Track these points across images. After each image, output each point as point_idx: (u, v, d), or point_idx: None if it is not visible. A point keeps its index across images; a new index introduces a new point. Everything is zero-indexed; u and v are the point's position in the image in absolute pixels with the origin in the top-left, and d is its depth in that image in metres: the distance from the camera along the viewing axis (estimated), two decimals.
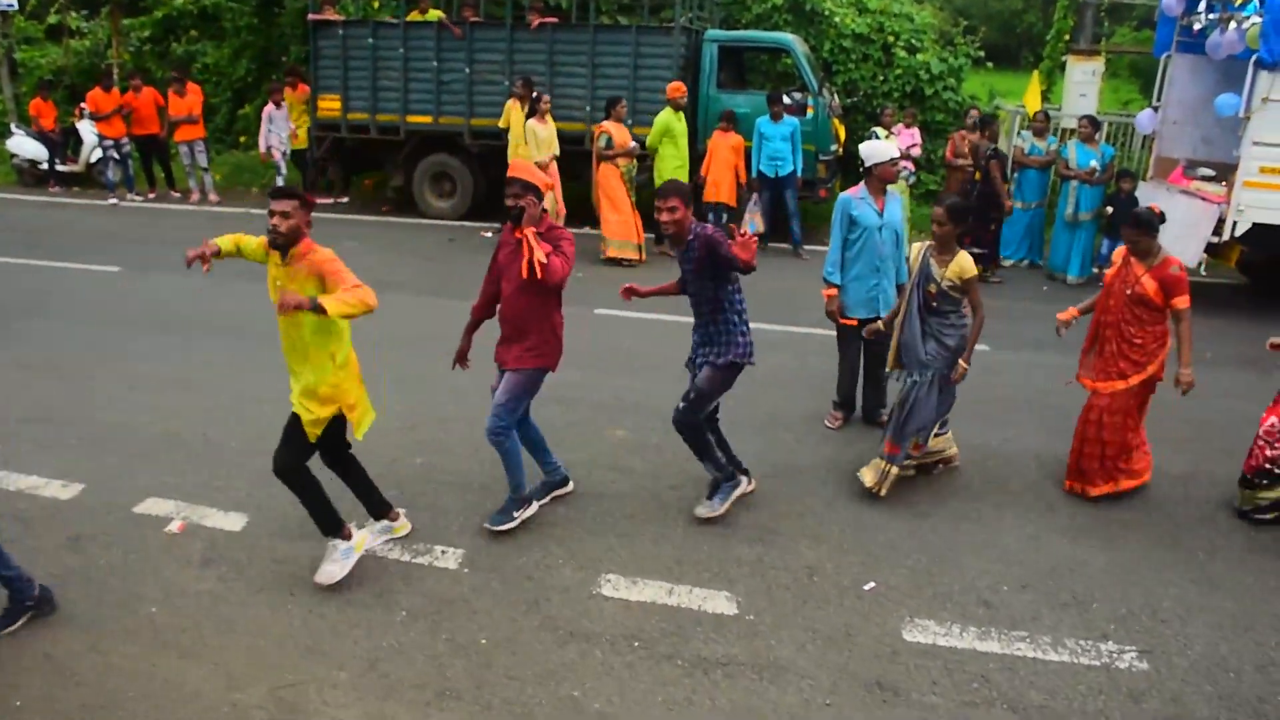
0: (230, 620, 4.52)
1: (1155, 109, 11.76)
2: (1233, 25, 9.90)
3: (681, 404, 5.39)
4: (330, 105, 13.87)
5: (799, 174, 12.15)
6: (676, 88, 11.67)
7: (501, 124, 12.67)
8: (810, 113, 12.69)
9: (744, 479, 5.71)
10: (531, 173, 4.99)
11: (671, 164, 11.68)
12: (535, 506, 5.49)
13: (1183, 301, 5.54)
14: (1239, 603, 4.92)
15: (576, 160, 13.12)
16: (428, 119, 13.52)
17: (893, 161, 6.41)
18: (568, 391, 7.20)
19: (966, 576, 5.07)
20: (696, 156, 12.54)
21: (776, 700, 4.09)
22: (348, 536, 4.86)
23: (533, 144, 11.69)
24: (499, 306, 5.24)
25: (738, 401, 6.76)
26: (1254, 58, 9.30)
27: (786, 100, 12.15)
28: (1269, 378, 8.17)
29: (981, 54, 16.00)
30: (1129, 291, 5.62)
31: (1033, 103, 13.69)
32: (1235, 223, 9.62)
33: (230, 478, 5.85)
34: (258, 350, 8.01)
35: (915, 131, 12.97)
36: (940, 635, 4.56)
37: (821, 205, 13.32)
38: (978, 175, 11.54)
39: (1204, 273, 10.61)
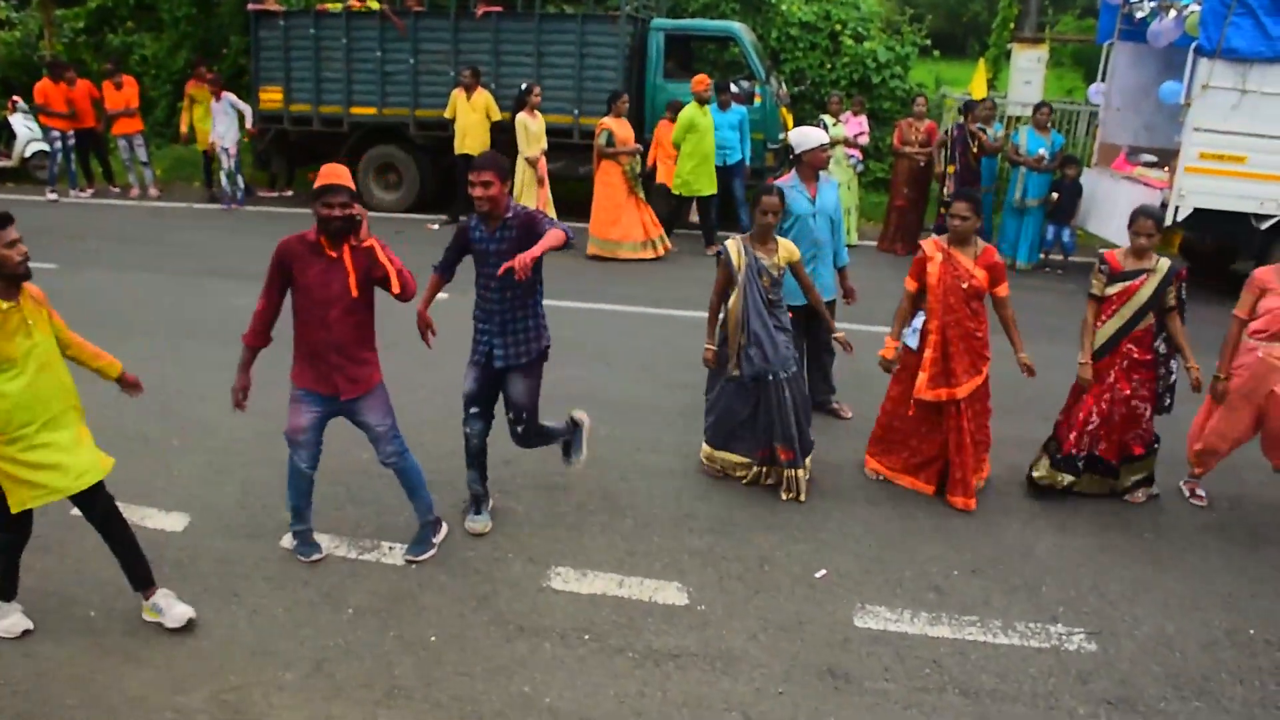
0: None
1: (1102, 89, 11.92)
2: (1173, 13, 10.05)
3: (520, 428, 5.21)
4: (272, 97, 13.65)
5: (747, 163, 12.15)
6: (701, 81, 11.28)
7: (447, 114, 12.55)
8: (758, 101, 12.71)
9: (487, 503, 5.36)
10: (349, 178, 4.52)
11: (689, 162, 11.36)
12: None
13: (1004, 289, 5.53)
14: (1185, 582, 4.98)
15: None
16: (372, 110, 13.36)
17: (822, 147, 6.35)
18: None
19: (917, 562, 5.08)
20: (644, 145, 12.51)
21: (729, 690, 4.06)
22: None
23: (523, 138, 11.46)
24: (310, 334, 4.60)
25: (688, 392, 6.76)
26: (1194, 45, 9.44)
27: (734, 89, 12.12)
28: (1209, 358, 8.32)
29: (928, 42, 16.14)
30: (964, 286, 5.46)
31: (978, 90, 13.81)
32: (1177, 208, 9.76)
33: (171, 477, 5.72)
34: (199, 348, 7.86)
35: (863, 119, 13.02)
36: (892, 621, 4.56)
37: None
38: (941, 164, 11.67)
39: None
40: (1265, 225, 9.88)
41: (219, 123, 13.68)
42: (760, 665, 4.22)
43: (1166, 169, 10.32)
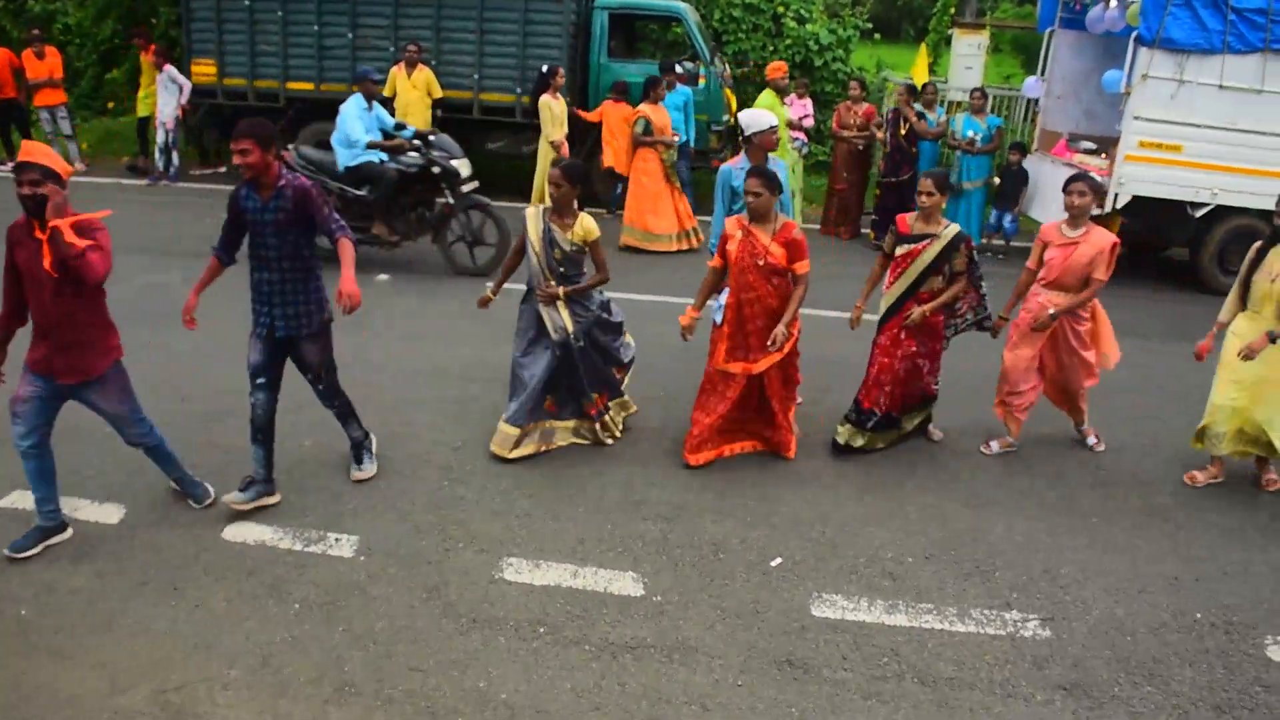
0: (109, 618, 4.22)
1: (1042, 80, 12.03)
2: (1114, 2, 10.16)
3: (320, 385, 5.22)
4: (205, 70, 13.18)
5: (692, 144, 12.08)
6: (778, 68, 10.64)
7: (386, 92, 12.26)
8: (703, 82, 12.62)
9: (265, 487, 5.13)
10: (50, 156, 4.43)
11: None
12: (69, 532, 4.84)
13: (803, 266, 5.53)
14: (1132, 566, 5.04)
15: (465, 127, 12.87)
16: (309, 86, 12.98)
17: (772, 129, 6.29)
18: (469, 369, 7.03)
19: (871, 548, 5.08)
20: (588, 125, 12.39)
21: (687, 681, 4.01)
22: None
23: (548, 120, 11.18)
24: (34, 315, 4.53)
25: (640, 378, 6.67)
26: (1134, 34, 9.56)
27: (679, 69, 12.02)
28: (1149, 345, 8.47)
29: (869, 26, 16.16)
30: (762, 263, 5.48)
31: (920, 75, 13.87)
32: (1116, 195, 9.90)
33: (103, 466, 5.50)
34: (130, 328, 7.58)
35: (808, 102, 13.01)
36: (848, 609, 4.55)
37: (714, 175, 13.28)
38: (880, 141, 11.69)
39: None
40: (1199, 213, 10.06)
41: (159, 96, 13.21)
42: (718, 656, 4.18)
43: (1105, 156, 10.46)
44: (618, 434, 6.07)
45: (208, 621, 4.24)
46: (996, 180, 11.58)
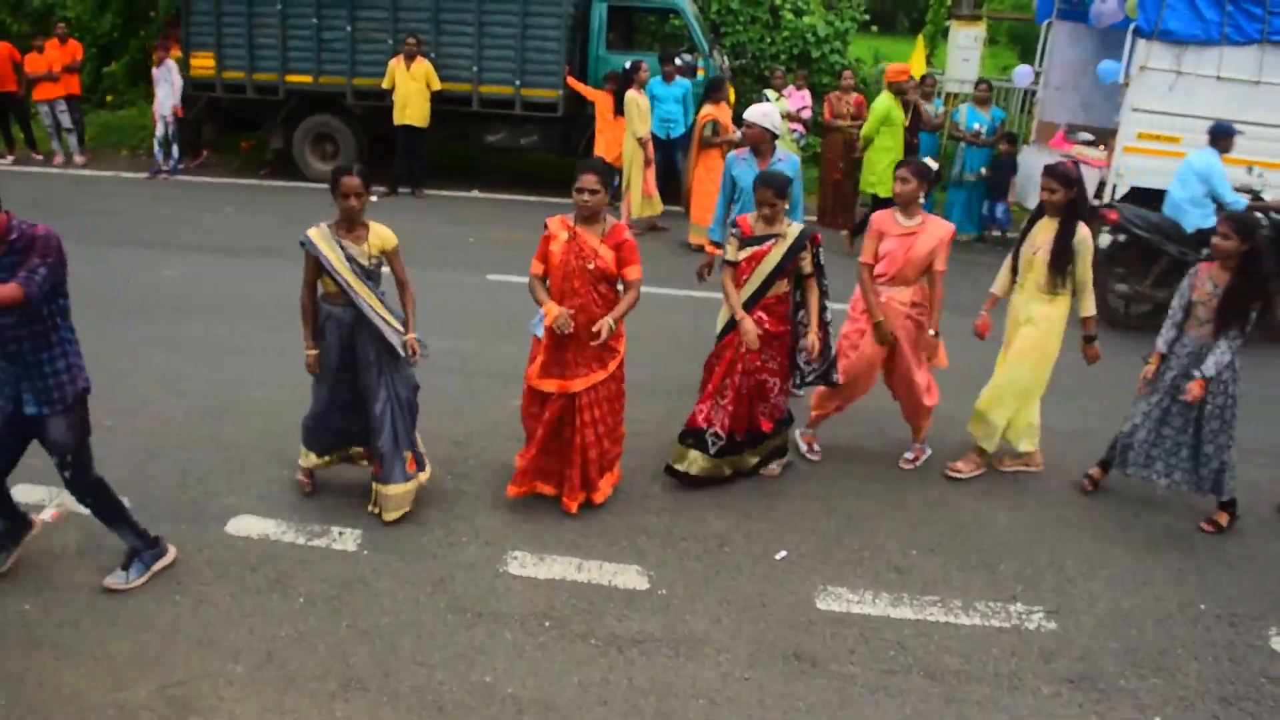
0: (112, 614, 4.21)
1: (1037, 72, 12.02)
2: None
3: (67, 473, 4.27)
4: (204, 64, 13.13)
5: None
6: (901, 70, 10.53)
7: (385, 84, 12.25)
8: (701, 74, 12.57)
9: (168, 548, 4.59)
10: None
11: (886, 157, 10.39)
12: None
13: (634, 271, 4.96)
14: (1136, 558, 5.05)
15: (463, 120, 12.86)
16: (308, 78, 12.93)
17: (746, 125, 6.23)
18: (464, 361, 7.01)
19: (876, 541, 5.07)
20: (587, 118, 12.37)
21: (694, 676, 4.01)
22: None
23: (636, 117, 11.03)
24: None
25: (636, 366, 6.65)
26: (1132, 26, 9.54)
27: (678, 61, 11.99)
28: (1149, 339, 8.46)
29: (866, 18, 16.13)
30: (591, 267, 4.87)
31: (918, 67, 13.84)
32: (1115, 186, 9.88)
33: (106, 460, 5.43)
34: (125, 323, 7.57)
35: (806, 93, 12.98)
36: (854, 603, 4.54)
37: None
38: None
39: None
40: None
41: (159, 88, 13.16)
42: (724, 649, 4.17)
43: (1103, 148, 10.45)
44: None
45: (211, 617, 4.23)
46: (983, 171, 11.55)
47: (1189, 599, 4.72)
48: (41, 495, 5.07)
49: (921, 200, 5.58)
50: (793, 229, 5.34)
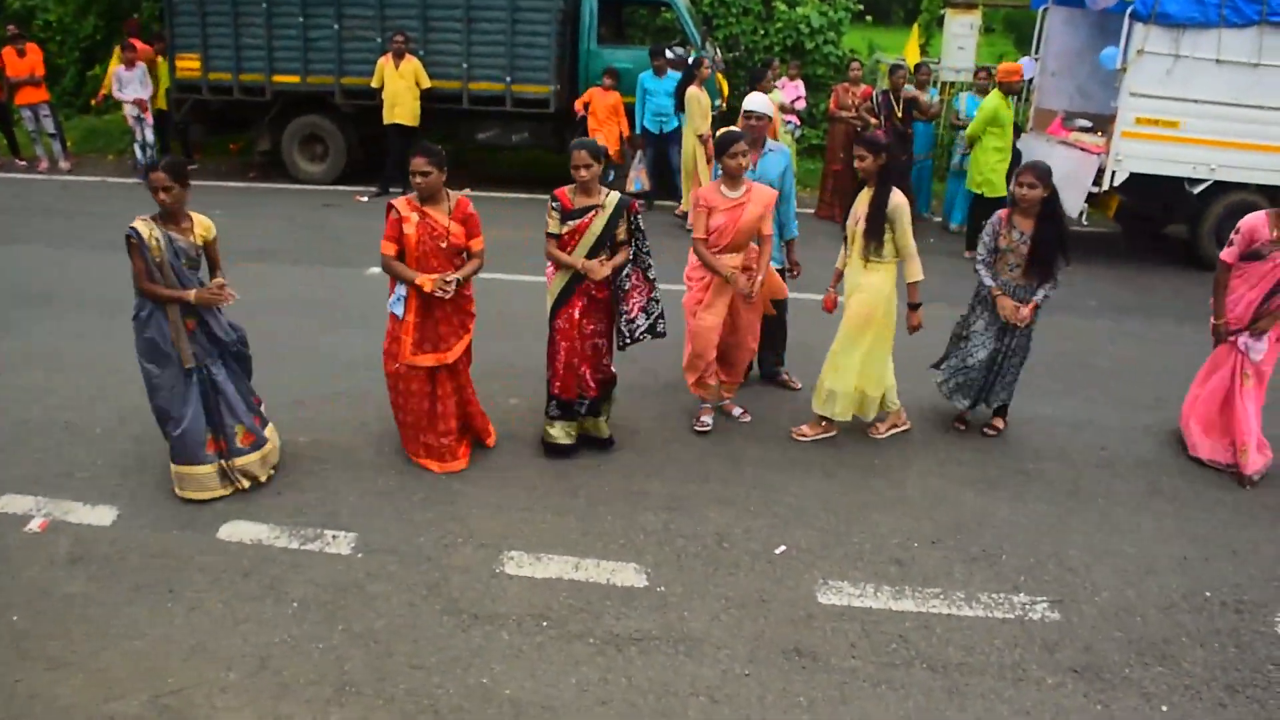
0: (103, 623, 4.14)
1: (1035, 59, 11.94)
2: None
3: None
4: (189, 65, 13.04)
5: (682, 129, 11.98)
6: (1013, 70, 10.24)
7: (374, 83, 12.18)
8: None
9: None
10: None
11: (994, 156, 10.20)
12: None
13: (479, 242, 5.26)
14: (1140, 547, 4.99)
15: (454, 118, 12.80)
16: (295, 78, 12.85)
17: (758, 118, 6.17)
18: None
19: (877, 534, 5.01)
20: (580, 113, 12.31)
21: (694, 674, 3.95)
22: None
23: (697, 114, 10.94)
24: None
25: (634, 365, 6.61)
26: (1129, 10, 9.46)
27: (669, 55, 11.93)
28: (1152, 324, 8.41)
29: (860, 8, 16.06)
30: (445, 245, 5.13)
31: (913, 56, 13.78)
32: (1114, 173, 9.83)
33: (96, 467, 5.42)
34: (119, 325, 7.49)
35: (799, 85, 12.91)
36: (855, 596, 4.49)
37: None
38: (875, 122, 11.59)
39: (1084, 222, 10.85)
40: (1198, 190, 9.99)
41: (131, 92, 13.07)
42: (724, 646, 4.11)
43: (1101, 134, 10.38)
44: (244, 484, 5.18)
45: (204, 624, 4.16)
46: None
47: (1194, 587, 4.66)
48: (28, 505, 5.01)
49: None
50: (611, 198, 5.41)
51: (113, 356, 6.79)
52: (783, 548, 4.85)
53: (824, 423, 6.02)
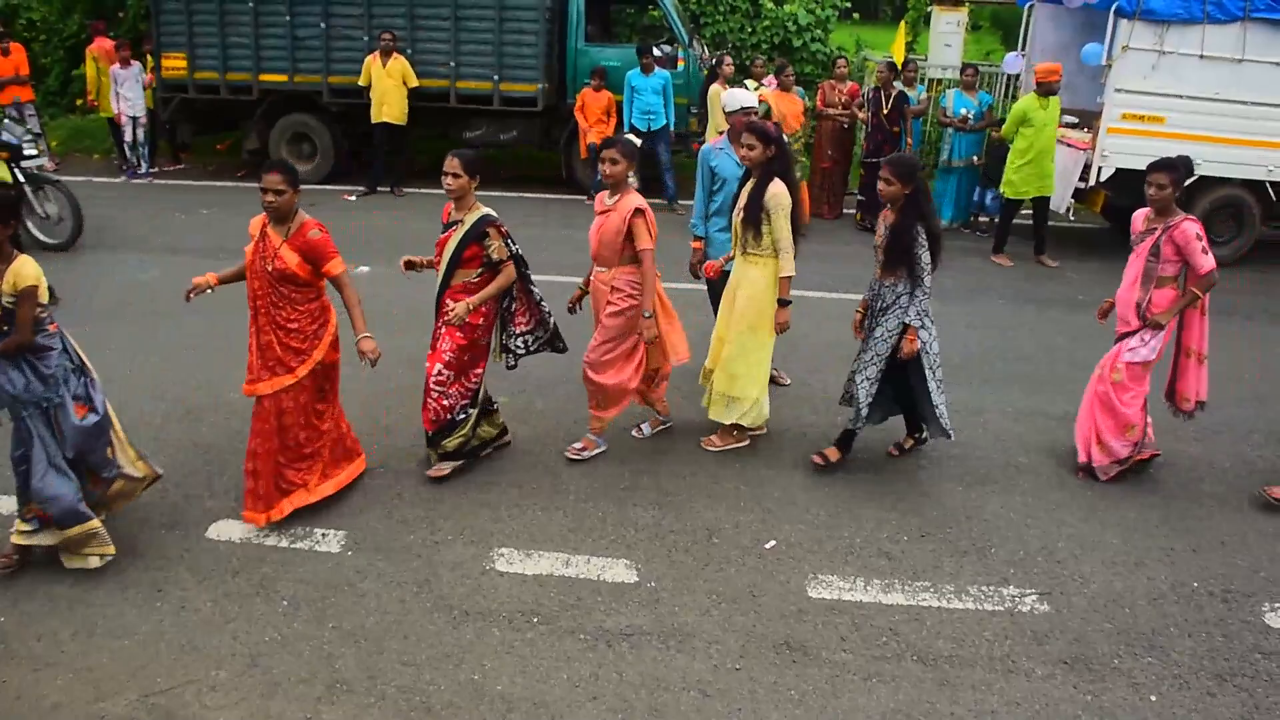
0: (91, 623, 4.13)
1: (1022, 55, 11.98)
2: None
3: None
4: (175, 64, 12.98)
5: (671, 127, 12.01)
6: (1051, 70, 9.94)
7: (362, 81, 12.15)
8: (681, 65, 12.51)
9: None
10: None
11: (1017, 159, 10.07)
12: None
13: (336, 266, 4.68)
14: (1127, 539, 5.01)
15: (442, 116, 12.79)
16: (283, 77, 12.80)
17: (744, 111, 6.19)
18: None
19: (865, 528, 5.02)
20: (568, 111, 12.34)
21: (685, 668, 3.95)
22: None
23: (717, 112, 10.81)
24: None
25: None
26: (1114, 6, 9.50)
27: (657, 52, 11.92)
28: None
29: (848, 5, 16.08)
30: (270, 269, 4.61)
31: (899, 53, 13.79)
32: (1100, 168, 9.87)
33: None
34: (108, 326, 7.47)
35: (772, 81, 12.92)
36: (845, 590, 4.50)
37: (695, 159, 13.20)
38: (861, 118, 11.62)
39: (1072, 218, 10.89)
40: (1184, 184, 10.01)
41: (129, 90, 13.01)
42: (715, 641, 4.12)
43: (1088, 130, 10.42)
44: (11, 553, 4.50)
45: (193, 623, 4.15)
46: (974, 159, 11.51)
47: (1182, 578, 4.69)
48: (14, 505, 4.97)
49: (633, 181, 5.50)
50: (472, 215, 5.14)
51: (93, 356, 6.75)
52: (772, 542, 4.86)
53: (737, 431, 5.82)
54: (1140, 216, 5.57)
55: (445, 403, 5.22)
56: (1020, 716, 3.76)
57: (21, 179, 9.09)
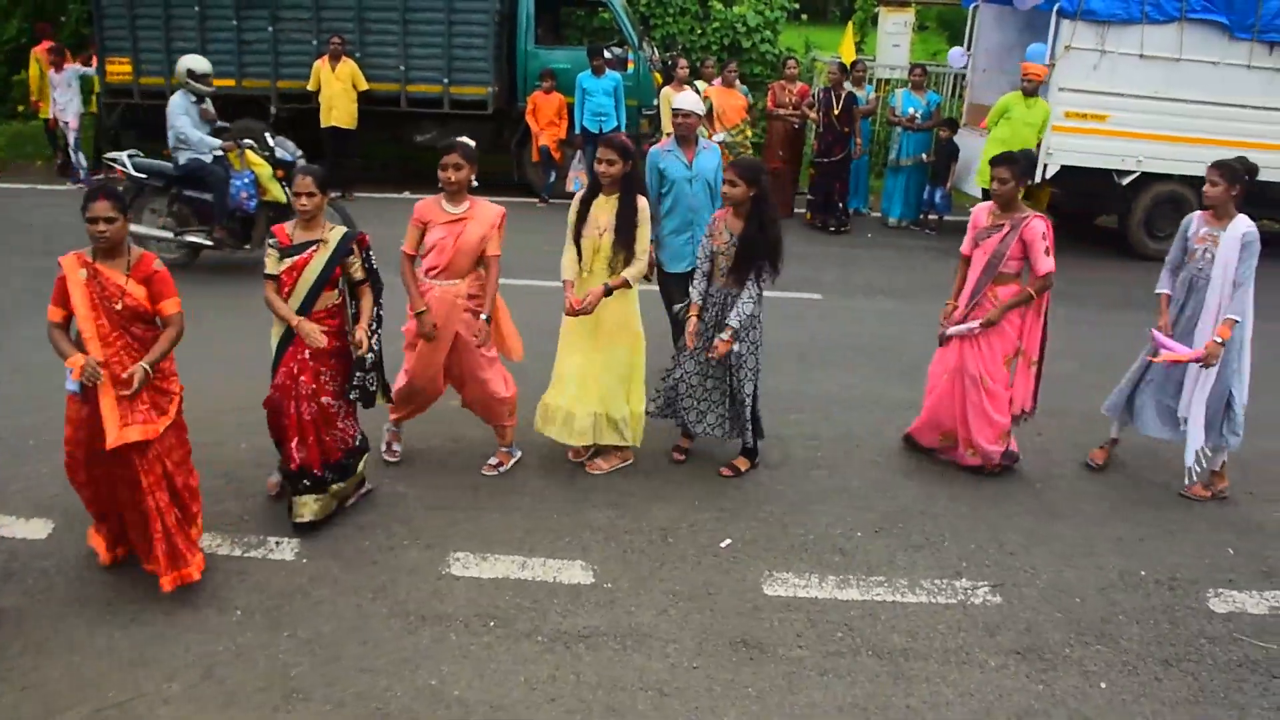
0: (41, 638, 4.06)
1: (967, 53, 12.16)
2: None
3: None
4: (120, 69, 12.80)
5: (623, 129, 12.02)
6: (1028, 71, 10.02)
7: (310, 86, 12.05)
8: (631, 67, 12.56)
9: None
10: None
11: (994, 149, 9.31)
12: None
13: (173, 305, 4.25)
14: (1077, 529, 5.11)
15: (392, 120, 12.72)
16: (230, 82, 12.64)
17: (683, 115, 6.10)
18: (396, 363, 6.88)
19: (820, 525, 5.07)
20: (518, 113, 12.34)
21: (643, 668, 3.97)
22: None
23: (667, 113, 10.77)
24: None
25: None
26: (1056, 7, 9.69)
27: (607, 54, 11.95)
28: (1084, 314, 8.59)
29: (796, 6, 16.21)
30: (119, 307, 4.14)
31: (848, 54, 13.93)
32: (1045, 166, 10.03)
33: (30, 479, 5.29)
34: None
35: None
36: (800, 587, 4.54)
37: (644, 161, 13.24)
38: (812, 118, 11.71)
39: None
40: (1126, 181, 10.23)
41: (61, 94, 12.79)
42: (672, 640, 4.14)
43: None
44: None
45: (145, 636, 4.09)
46: (924, 157, 11.65)
47: (1129, 567, 4.79)
48: None
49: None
50: (335, 233, 4.80)
51: (45, 366, 6.64)
52: (728, 541, 4.89)
53: (622, 451, 5.66)
54: (984, 211, 5.49)
55: (350, 425, 4.98)
56: (974, 707, 3.81)
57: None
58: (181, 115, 8.72)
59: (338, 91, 11.96)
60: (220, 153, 8.73)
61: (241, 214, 8.87)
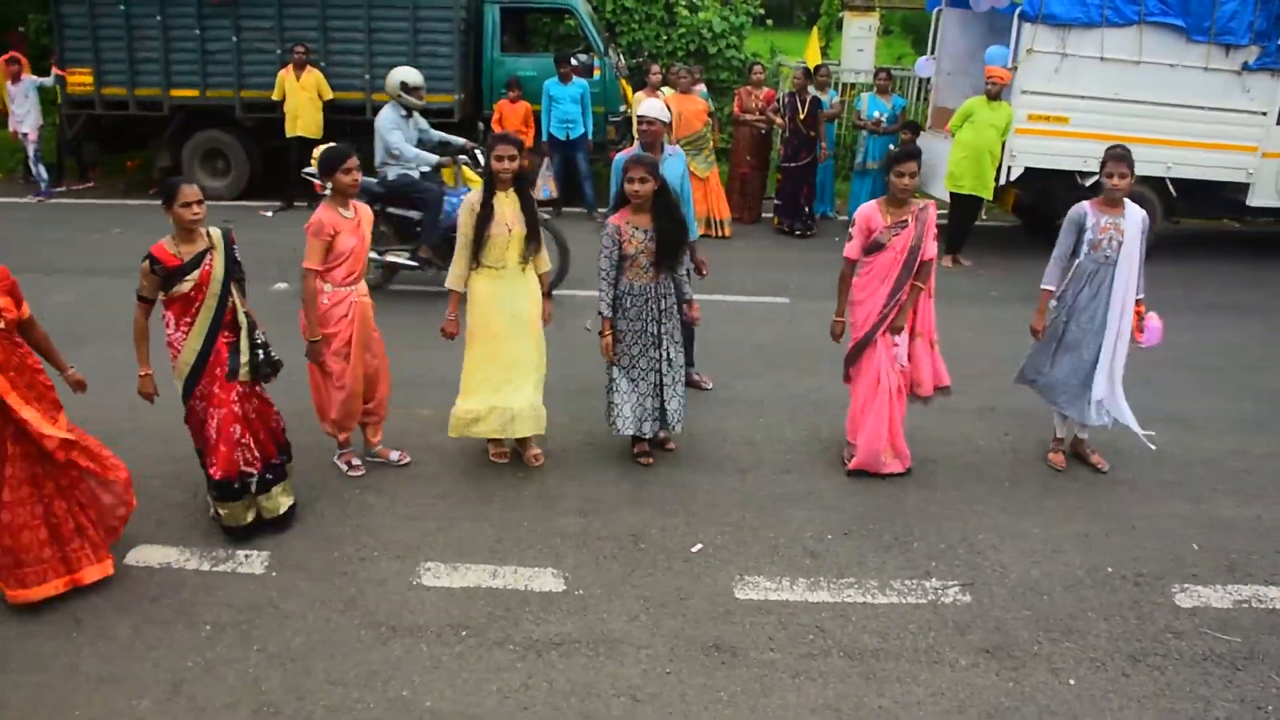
0: (4, 657, 4.01)
1: (932, 59, 12.26)
2: None
3: None
4: (82, 80, 12.65)
5: (590, 136, 12.05)
6: (991, 74, 9.98)
7: (275, 95, 11.98)
8: (598, 74, 12.57)
9: None
10: None
11: (959, 152, 10.16)
12: None
13: (26, 310, 4.28)
14: (1045, 527, 5.15)
15: (358, 130, 12.65)
16: (194, 92, 12.56)
17: (646, 121, 6.15)
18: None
19: (790, 528, 5.09)
20: (484, 123, 12.28)
21: (615, 674, 3.97)
22: None
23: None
24: None
25: (548, 368, 6.58)
26: (1018, 10, 9.79)
27: (574, 61, 11.96)
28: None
29: (761, 12, 16.28)
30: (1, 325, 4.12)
31: (813, 58, 14.01)
32: (1009, 168, 10.13)
33: None
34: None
35: (701, 87, 13.04)
36: (771, 590, 4.55)
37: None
38: (778, 122, 11.75)
39: (984, 217, 11.15)
40: (1089, 182, 10.33)
41: (19, 106, 12.65)
42: (644, 646, 4.14)
43: None
44: None
45: (112, 653, 4.05)
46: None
47: (1096, 563, 4.83)
48: None
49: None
50: (215, 234, 4.72)
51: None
52: (699, 545, 4.90)
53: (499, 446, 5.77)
54: (874, 213, 5.39)
55: (277, 424, 5.03)
56: (945, 705, 3.84)
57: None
58: (394, 130, 8.36)
59: (303, 101, 11.89)
60: (427, 168, 8.47)
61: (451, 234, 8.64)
